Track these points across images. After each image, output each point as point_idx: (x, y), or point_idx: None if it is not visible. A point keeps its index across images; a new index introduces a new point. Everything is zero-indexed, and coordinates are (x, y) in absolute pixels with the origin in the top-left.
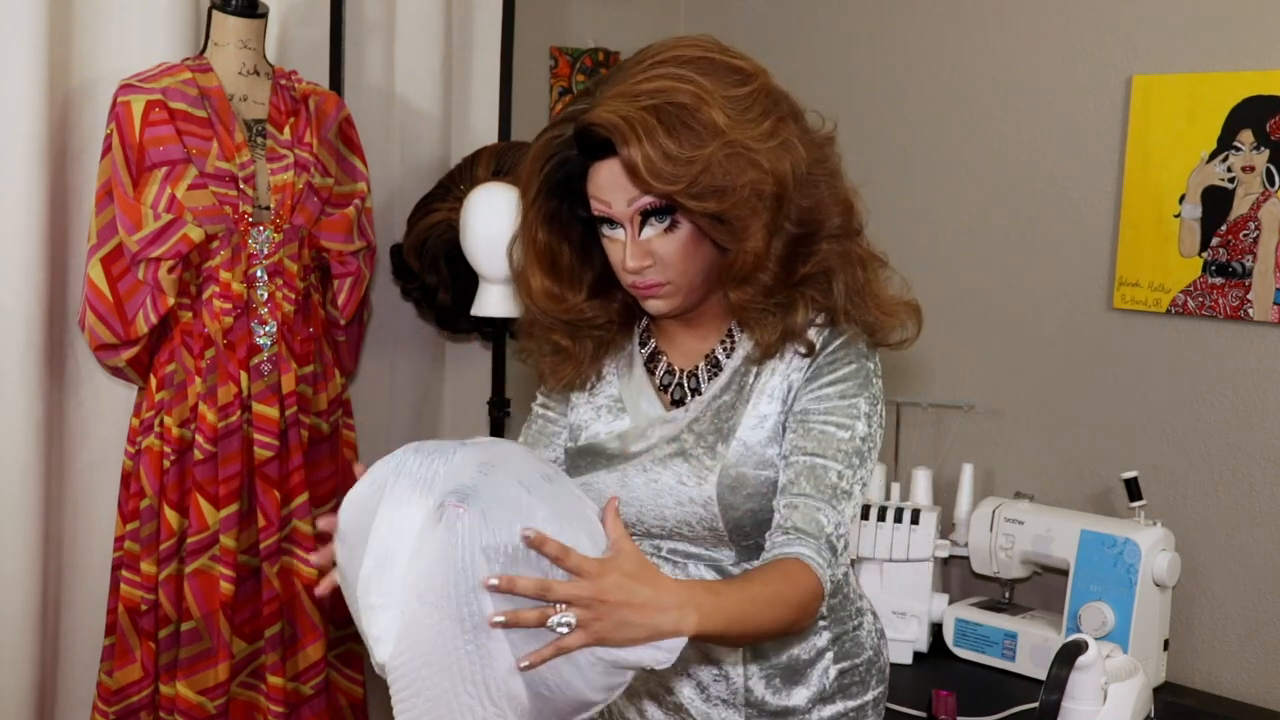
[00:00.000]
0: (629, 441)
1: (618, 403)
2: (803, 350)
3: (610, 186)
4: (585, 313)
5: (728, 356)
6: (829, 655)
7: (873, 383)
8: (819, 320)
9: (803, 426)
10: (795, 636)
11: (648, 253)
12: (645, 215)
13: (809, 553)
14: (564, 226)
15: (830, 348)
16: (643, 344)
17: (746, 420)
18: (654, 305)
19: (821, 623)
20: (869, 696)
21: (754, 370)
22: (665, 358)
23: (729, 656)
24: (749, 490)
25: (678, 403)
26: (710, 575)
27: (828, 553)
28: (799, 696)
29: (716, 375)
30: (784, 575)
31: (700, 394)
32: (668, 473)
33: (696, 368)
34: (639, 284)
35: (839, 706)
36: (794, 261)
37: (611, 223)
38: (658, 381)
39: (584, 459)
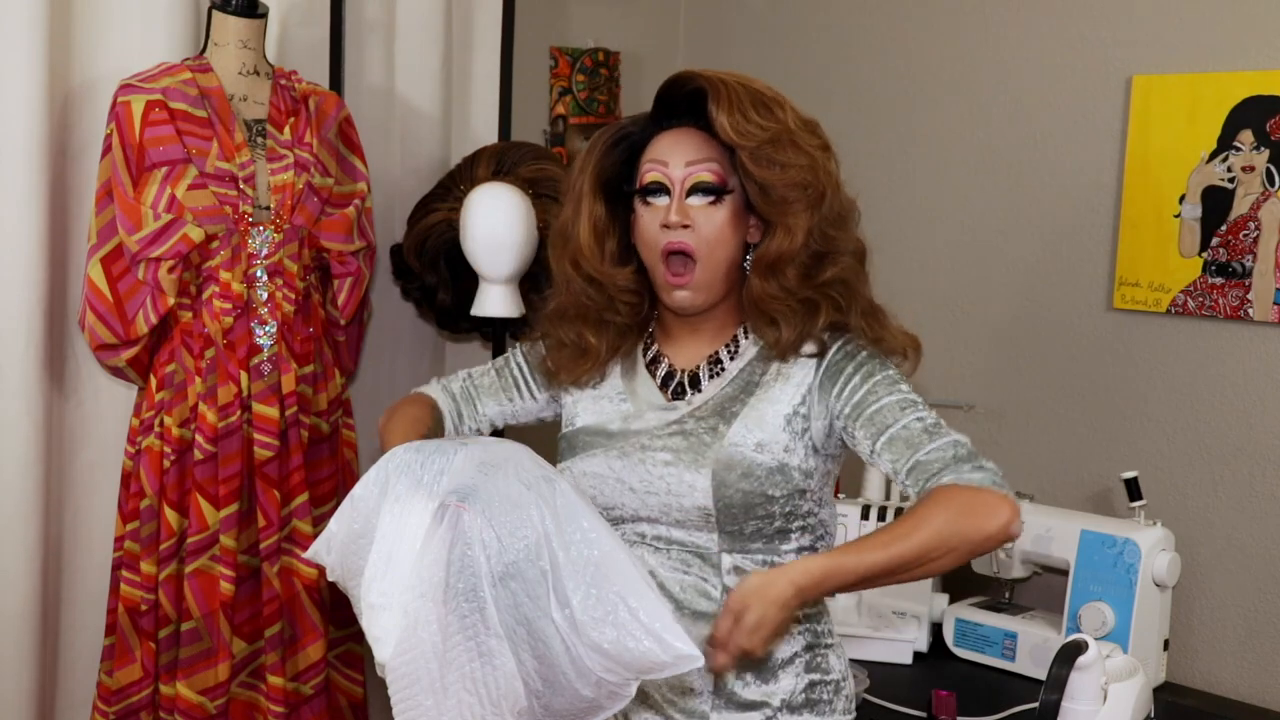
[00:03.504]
0: (631, 420)
1: (620, 393)
2: (812, 350)
3: (672, 148)
4: (615, 278)
5: (731, 358)
6: (801, 661)
7: (886, 360)
8: (827, 336)
9: (865, 419)
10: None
11: (689, 216)
12: (694, 188)
13: (949, 479)
14: (608, 199)
15: (836, 345)
16: (645, 349)
17: (751, 408)
18: (680, 296)
19: (799, 626)
20: None
21: (761, 370)
22: (666, 360)
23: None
24: (743, 470)
25: (677, 398)
26: (694, 561)
27: (972, 463)
28: (768, 692)
29: (719, 374)
30: (930, 498)
31: (701, 391)
32: (664, 451)
33: (698, 368)
34: (672, 244)
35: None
36: (819, 265)
37: (656, 192)
38: (658, 380)
39: (580, 440)
